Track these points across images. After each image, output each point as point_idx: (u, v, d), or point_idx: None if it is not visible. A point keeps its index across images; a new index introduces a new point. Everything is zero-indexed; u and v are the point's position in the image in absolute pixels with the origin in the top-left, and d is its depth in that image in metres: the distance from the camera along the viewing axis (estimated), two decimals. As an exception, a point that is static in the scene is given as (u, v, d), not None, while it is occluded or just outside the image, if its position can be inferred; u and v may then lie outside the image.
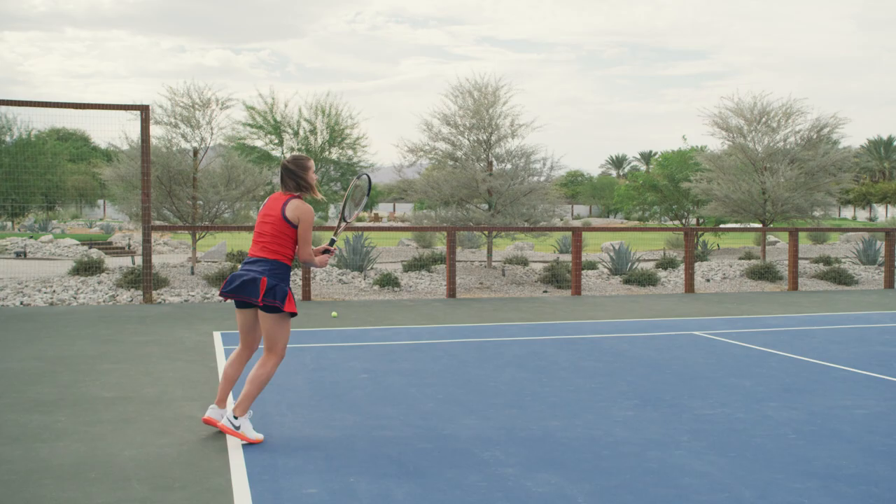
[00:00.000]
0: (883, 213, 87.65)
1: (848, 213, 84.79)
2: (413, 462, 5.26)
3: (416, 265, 18.53)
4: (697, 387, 7.69)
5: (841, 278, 19.15)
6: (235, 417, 5.52)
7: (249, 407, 5.59)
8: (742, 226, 23.95)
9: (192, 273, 16.37)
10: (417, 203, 20.85)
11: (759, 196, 20.67)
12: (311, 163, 5.93)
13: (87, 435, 5.81)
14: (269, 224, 5.65)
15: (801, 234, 29.63)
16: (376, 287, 16.48)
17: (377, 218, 72.82)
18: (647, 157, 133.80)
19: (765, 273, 19.00)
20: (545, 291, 17.05)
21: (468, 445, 5.66)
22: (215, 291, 15.05)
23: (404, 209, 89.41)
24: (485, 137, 18.91)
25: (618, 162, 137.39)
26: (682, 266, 20.41)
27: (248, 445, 5.56)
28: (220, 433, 5.82)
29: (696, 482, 4.94)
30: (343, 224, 6.27)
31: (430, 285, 17.02)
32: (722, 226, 27.06)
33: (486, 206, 18.94)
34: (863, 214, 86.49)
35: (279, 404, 6.81)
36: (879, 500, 4.74)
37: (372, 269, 18.38)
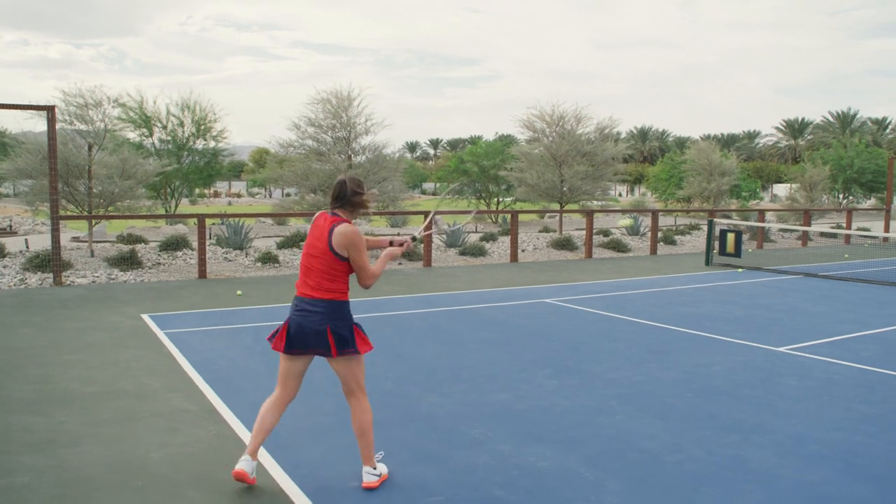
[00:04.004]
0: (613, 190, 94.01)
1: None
2: (420, 446, 4.96)
3: (289, 243, 17.72)
4: (586, 353, 7.82)
5: (619, 247, 20.31)
6: (374, 468, 4.22)
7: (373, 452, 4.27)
8: (545, 208, 24.78)
9: (92, 255, 14.72)
10: (271, 182, 19.99)
11: (559, 184, 21.46)
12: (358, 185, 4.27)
13: (101, 437, 5.02)
14: (316, 258, 4.10)
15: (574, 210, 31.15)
16: (259, 264, 15.58)
17: (216, 194, 69.08)
18: (434, 143, 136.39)
19: (565, 244, 19.80)
20: (400, 264, 16.82)
21: (452, 424, 5.42)
22: (118, 272, 13.63)
23: (238, 186, 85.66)
24: (344, 135, 18.33)
25: (412, 147, 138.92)
26: (500, 239, 20.91)
27: (266, 439, 4.99)
28: (222, 429, 5.23)
29: (654, 445, 5.00)
30: (424, 230, 5.29)
31: (304, 261, 16.33)
32: (528, 207, 27.86)
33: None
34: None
35: (258, 391, 6.21)
36: (783, 446, 5.02)
37: (251, 246, 17.36)
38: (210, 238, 19.37)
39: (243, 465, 4.19)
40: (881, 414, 5.76)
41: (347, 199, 4.14)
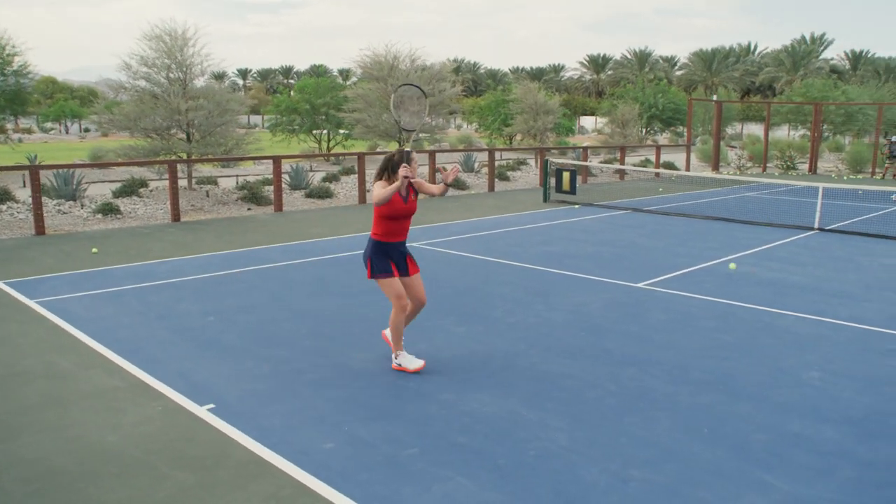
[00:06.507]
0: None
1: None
2: (372, 403, 5.25)
3: (126, 191, 16.64)
4: (477, 298, 8.37)
5: (458, 184, 21.07)
6: (396, 356, 5.92)
7: (399, 343, 5.87)
8: (384, 149, 24.90)
9: None
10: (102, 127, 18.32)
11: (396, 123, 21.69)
12: (403, 157, 5.65)
13: (41, 426, 4.82)
14: None
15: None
16: (99, 216, 14.57)
17: (2, 130, 61.78)
18: (244, 73, 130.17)
19: (409, 184, 20.24)
20: (249, 209, 16.46)
21: (390, 378, 5.75)
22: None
23: (27, 122, 77.40)
24: (180, 76, 17.28)
25: (219, 76, 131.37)
26: (343, 179, 20.92)
27: (217, 409, 5.07)
28: (166, 403, 5.22)
29: (573, 383, 5.68)
30: (409, 134, 6.07)
31: (146, 210, 15.47)
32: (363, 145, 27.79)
33: (184, 136, 17.49)
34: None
35: (179, 359, 6.13)
36: (672, 375, 5.90)
37: (85, 196, 16.09)
38: (24, 185, 17.71)
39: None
40: (737, 341, 6.87)
41: (394, 168, 5.66)
